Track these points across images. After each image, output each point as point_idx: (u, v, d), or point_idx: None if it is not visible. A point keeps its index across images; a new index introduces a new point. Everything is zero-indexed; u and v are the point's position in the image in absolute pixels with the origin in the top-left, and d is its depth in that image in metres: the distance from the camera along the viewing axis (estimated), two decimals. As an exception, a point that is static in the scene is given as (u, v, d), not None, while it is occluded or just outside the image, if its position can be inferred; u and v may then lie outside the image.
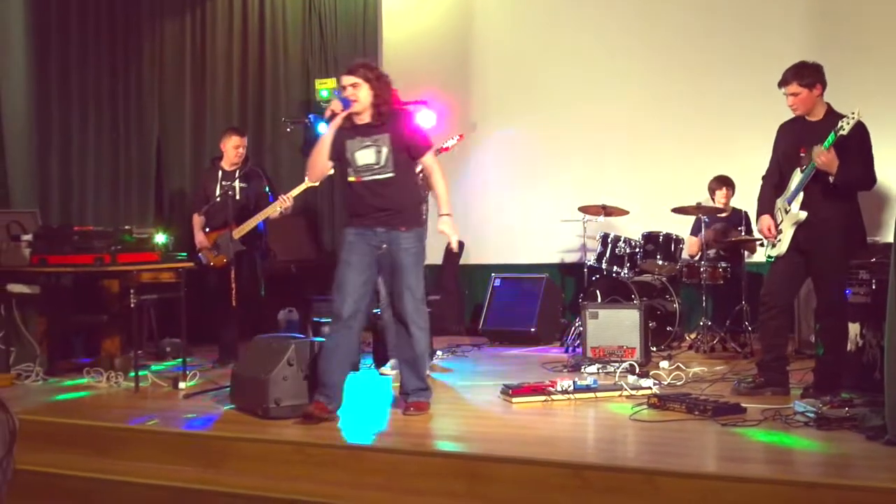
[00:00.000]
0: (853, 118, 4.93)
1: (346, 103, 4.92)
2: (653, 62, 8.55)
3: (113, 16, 8.17)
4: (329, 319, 5.10)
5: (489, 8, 9.33)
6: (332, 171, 6.81)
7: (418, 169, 5.24)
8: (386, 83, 4.97)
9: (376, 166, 4.93)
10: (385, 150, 4.92)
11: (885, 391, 4.05)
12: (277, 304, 7.80)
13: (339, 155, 5.02)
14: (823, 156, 4.97)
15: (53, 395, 5.83)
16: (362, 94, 4.90)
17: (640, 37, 8.62)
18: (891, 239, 4.18)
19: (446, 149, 6.62)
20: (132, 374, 5.99)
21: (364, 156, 4.95)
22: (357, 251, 4.95)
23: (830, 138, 4.97)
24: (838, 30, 7.86)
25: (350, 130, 4.98)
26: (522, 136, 9.09)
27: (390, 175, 4.93)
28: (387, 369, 6.26)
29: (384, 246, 4.92)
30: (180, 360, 6.18)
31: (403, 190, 4.97)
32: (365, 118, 4.96)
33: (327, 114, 5.00)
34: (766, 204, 5.44)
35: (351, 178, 5.01)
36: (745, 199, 7.43)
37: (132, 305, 5.97)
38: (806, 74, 5.14)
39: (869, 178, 5.13)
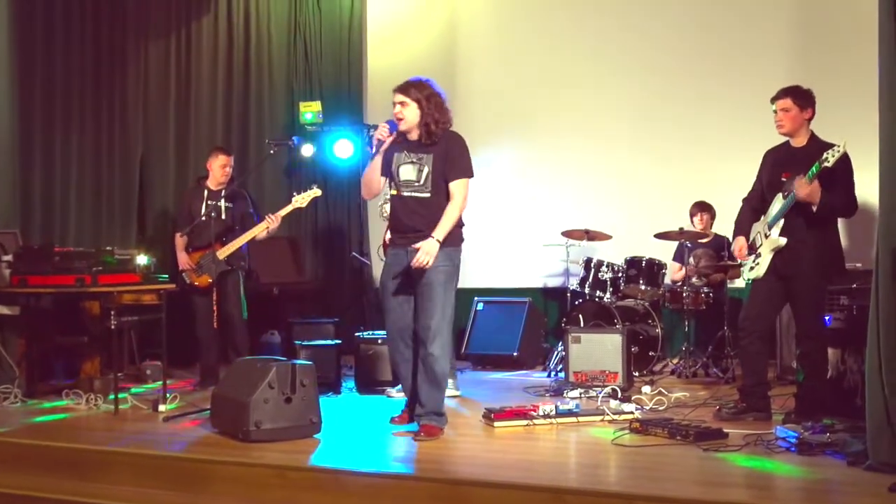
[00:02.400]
0: (839, 150, 4.92)
1: (393, 126, 4.98)
2: (635, 90, 8.62)
3: (98, 37, 8.14)
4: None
5: (473, 34, 9.38)
6: (318, 193, 6.94)
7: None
8: (437, 103, 4.95)
9: (416, 184, 4.98)
10: (426, 170, 4.96)
11: (866, 417, 4.08)
12: (259, 326, 7.76)
13: (387, 166, 5.08)
14: (804, 189, 5.01)
15: (32, 418, 5.76)
16: (409, 113, 4.95)
17: (623, 65, 8.68)
18: (871, 266, 4.20)
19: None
20: (112, 396, 5.95)
21: (406, 171, 5.01)
22: (392, 273, 5.08)
23: (814, 169, 4.99)
24: (824, 61, 7.90)
25: (400, 144, 5.05)
26: (505, 161, 9.12)
27: (427, 195, 4.97)
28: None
29: None
30: (160, 382, 6.13)
31: (440, 211, 4.93)
32: (414, 136, 5.01)
33: (375, 142, 5.04)
34: (744, 225, 5.50)
35: (392, 192, 5.10)
36: (728, 225, 7.47)
37: (113, 327, 5.93)
38: (801, 94, 5.24)
39: (851, 207, 5.18)
